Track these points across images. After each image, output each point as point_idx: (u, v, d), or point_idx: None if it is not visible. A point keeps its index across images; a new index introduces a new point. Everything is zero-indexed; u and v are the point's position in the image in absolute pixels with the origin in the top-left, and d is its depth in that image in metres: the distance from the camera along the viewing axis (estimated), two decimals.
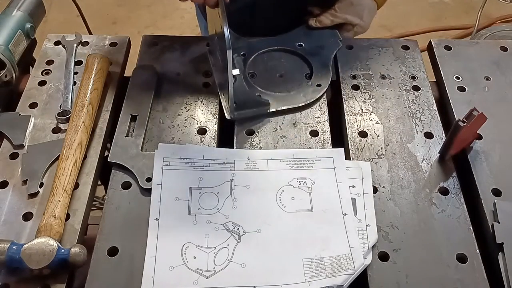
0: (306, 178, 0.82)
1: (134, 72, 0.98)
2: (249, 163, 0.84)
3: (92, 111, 0.88)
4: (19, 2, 1.02)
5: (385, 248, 0.75)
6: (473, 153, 0.86)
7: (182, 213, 0.78)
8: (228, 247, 0.74)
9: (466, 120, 0.79)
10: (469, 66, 1.00)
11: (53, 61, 1.02)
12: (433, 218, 0.78)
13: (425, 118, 0.91)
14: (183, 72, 0.99)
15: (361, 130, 0.89)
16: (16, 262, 0.69)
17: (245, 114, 0.90)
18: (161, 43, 1.04)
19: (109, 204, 0.79)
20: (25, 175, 0.82)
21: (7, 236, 0.74)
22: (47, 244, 0.70)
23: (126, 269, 0.72)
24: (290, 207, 0.79)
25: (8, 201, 0.79)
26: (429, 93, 0.96)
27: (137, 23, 2.71)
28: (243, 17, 1.01)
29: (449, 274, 0.72)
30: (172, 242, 0.74)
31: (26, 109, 0.93)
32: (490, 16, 2.52)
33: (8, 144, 0.87)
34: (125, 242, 0.75)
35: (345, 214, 0.78)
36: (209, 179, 0.82)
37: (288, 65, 1.00)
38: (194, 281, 0.70)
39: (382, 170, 0.84)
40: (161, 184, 0.80)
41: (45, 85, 0.97)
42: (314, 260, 0.73)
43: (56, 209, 0.75)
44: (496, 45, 1.06)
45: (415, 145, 0.87)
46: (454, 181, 0.82)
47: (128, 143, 0.86)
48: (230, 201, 0.80)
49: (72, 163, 0.81)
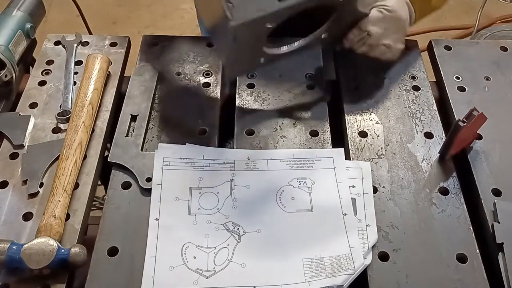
0: (306, 178, 0.82)
1: (134, 72, 0.98)
2: (249, 163, 0.84)
3: (92, 111, 0.88)
4: (19, 2, 1.02)
5: (385, 248, 0.75)
6: (473, 153, 0.86)
7: (182, 213, 0.78)
8: (228, 247, 0.74)
9: (466, 120, 0.79)
10: (469, 66, 1.00)
11: (53, 61, 1.02)
12: (433, 218, 0.78)
13: (425, 118, 0.91)
14: (183, 72, 0.99)
15: (361, 130, 0.89)
16: (16, 262, 0.69)
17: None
18: (161, 43, 1.04)
19: (109, 204, 0.79)
20: (25, 175, 0.82)
21: (7, 236, 0.74)
22: (47, 244, 0.70)
23: (126, 269, 0.72)
24: (290, 207, 0.79)
25: (8, 201, 0.79)
26: (429, 93, 0.96)
27: (137, 23, 2.71)
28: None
29: (449, 274, 0.72)
30: (172, 242, 0.74)
31: (26, 109, 0.92)
32: (490, 16, 2.51)
33: (8, 144, 0.87)
34: (125, 242, 0.75)
35: (345, 214, 0.78)
36: (209, 179, 0.82)
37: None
38: (194, 281, 0.70)
39: (382, 170, 0.84)
40: (161, 184, 0.80)
41: (45, 85, 0.97)
42: (314, 260, 0.73)
43: (56, 209, 0.75)
44: (496, 45, 1.06)
45: (415, 145, 0.87)
46: (454, 181, 0.82)
47: (128, 143, 0.86)
48: (230, 201, 0.79)
49: (72, 163, 0.81)
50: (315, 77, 0.98)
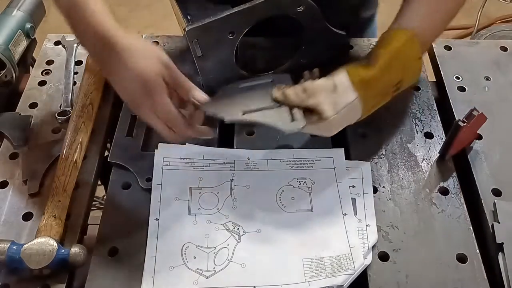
0: (306, 178, 0.82)
1: None
2: (249, 163, 0.84)
3: (92, 111, 0.88)
4: (19, 2, 1.02)
5: (385, 248, 0.75)
6: (473, 153, 0.86)
7: (182, 213, 0.78)
8: (228, 247, 0.74)
9: (466, 120, 0.79)
10: (469, 66, 1.00)
11: (53, 61, 1.01)
12: (433, 218, 0.78)
13: (425, 118, 0.91)
14: (183, 72, 0.98)
15: (361, 130, 0.89)
16: (16, 262, 0.69)
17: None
18: (161, 43, 1.04)
19: (109, 204, 0.79)
20: (25, 175, 0.82)
21: (7, 236, 0.74)
22: (47, 244, 0.70)
23: (126, 269, 0.72)
24: (290, 207, 0.79)
25: (8, 201, 0.79)
26: (429, 93, 0.96)
27: (137, 23, 2.71)
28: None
29: (449, 274, 0.72)
30: (172, 242, 0.74)
31: (26, 109, 0.92)
32: (490, 16, 2.51)
33: (8, 144, 0.87)
34: (125, 242, 0.75)
35: (345, 214, 0.78)
36: (209, 179, 0.82)
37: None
38: (194, 281, 0.70)
39: (382, 170, 0.84)
40: (161, 184, 0.80)
41: (45, 85, 0.97)
42: (314, 260, 0.73)
43: (56, 209, 0.75)
44: (496, 45, 1.06)
45: (415, 145, 0.87)
46: (454, 181, 0.82)
47: (128, 143, 0.86)
48: (230, 201, 0.79)
49: (72, 163, 0.81)
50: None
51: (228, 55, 0.82)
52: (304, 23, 0.83)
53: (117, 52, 0.68)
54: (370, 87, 0.74)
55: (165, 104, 0.67)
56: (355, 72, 0.74)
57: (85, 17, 0.69)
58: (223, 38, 0.79)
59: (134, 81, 0.67)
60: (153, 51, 0.71)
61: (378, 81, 0.75)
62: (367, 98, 0.75)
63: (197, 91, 0.72)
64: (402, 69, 0.77)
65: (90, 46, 0.73)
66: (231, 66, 0.84)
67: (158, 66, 0.69)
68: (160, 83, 0.67)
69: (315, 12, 0.82)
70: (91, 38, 0.70)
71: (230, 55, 0.82)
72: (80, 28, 0.71)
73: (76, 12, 0.70)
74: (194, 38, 0.78)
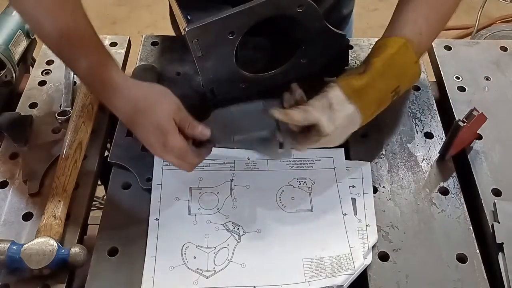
0: (306, 178, 0.82)
1: (134, 72, 0.98)
2: (249, 163, 0.84)
3: (92, 111, 0.88)
4: None
5: (385, 248, 0.75)
6: (473, 153, 0.86)
7: (182, 213, 0.78)
8: (228, 247, 0.74)
9: (466, 120, 0.79)
10: (469, 66, 1.00)
11: (53, 61, 1.02)
12: (433, 218, 0.78)
13: (425, 118, 0.91)
14: (183, 72, 0.99)
15: (361, 130, 0.89)
16: (16, 262, 0.69)
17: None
18: (161, 43, 1.04)
19: (109, 204, 0.79)
20: (25, 175, 0.82)
21: (7, 236, 0.74)
22: (47, 244, 0.70)
23: (126, 269, 0.72)
24: (290, 207, 0.79)
25: (8, 201, 0.79)
26: (429, 93, 0.96)
27: (137, 23, 2.71)
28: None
29: (449, 274, 0.72)
30: (172, 242, 0.74)
31: (26, 109, 0.93)
32: (490, 16, 2.51)
33: (8, 144, 0.87)
34: (125, 242, 0.75)
35: (345, 214, 0.78)
36: (209, 179, 0.82)
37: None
38: (194, 281, 0.70)
39: (382, 170, 0.84)
40: (161, 184, 0.80)
41: (45, 85, 0.97)
42: (314, 260, 0.73)
43: (56, 209, 0.75)
44: (496, 45, 1.06)
45: (415, 145, 0.87)
46: (454, 181, 0.82)
47: (128, 143, 0.86)
48: (230, 201, 0.80)
49: (72, 163, 0.81)
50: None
51: (228, 55, 0.82)
52: (304, 23, 0.83)
53: (135, 105, 0.73)
54: (365, 96, 0.75)
55: (177, 142, 0.72)
56: (347, 84, 0.75)
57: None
58: (223, 38, 0.80)
59: (152, 127, 0.72)
60: (165, 95, 0.76)
61: (373, 89, 0.76)
62: (365, 106, 0.76)
63: (203, 129, 0.75)
64: (398, 75, 0.78)
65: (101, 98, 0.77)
66: (231, 66, 0.84)
67: (172, 109, 0.73)
68: (173, 125, 0.72)
69: (315, 12, 0.82)
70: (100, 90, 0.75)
71: (230, 55, 0.83)
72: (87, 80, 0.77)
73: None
74: (194, 38, 0.78)
